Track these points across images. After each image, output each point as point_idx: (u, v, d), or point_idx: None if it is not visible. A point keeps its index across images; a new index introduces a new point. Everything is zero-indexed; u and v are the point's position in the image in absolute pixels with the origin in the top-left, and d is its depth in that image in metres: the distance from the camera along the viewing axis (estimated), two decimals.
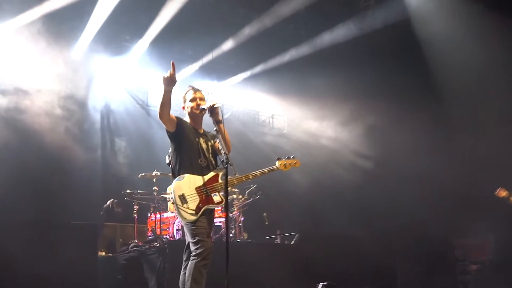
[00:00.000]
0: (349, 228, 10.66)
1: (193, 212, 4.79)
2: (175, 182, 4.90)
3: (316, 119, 13.07)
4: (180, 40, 10.91)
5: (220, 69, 12.32)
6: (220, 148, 4.90)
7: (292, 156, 5.59)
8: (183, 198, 4.84)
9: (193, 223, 4.80)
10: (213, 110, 5.00)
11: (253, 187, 9.39)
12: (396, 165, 11.65)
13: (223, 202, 4.90)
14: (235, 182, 5.11)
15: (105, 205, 9.41)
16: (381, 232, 10.35)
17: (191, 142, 5.07)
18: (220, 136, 4.86)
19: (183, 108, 5.29)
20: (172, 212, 8.73)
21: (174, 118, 4.99)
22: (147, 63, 11.06)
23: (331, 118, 12.79)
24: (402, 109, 11.56)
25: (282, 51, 11.89)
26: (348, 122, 12.55)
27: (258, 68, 12.38)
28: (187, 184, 4.92)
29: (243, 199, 9.27)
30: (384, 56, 11.33)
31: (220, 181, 5.02)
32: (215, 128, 4.93)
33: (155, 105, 11.66)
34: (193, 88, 5.30)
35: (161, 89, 4.88)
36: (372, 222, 10.98)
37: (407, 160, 11.45)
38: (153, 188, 8.73)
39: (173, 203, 4.91)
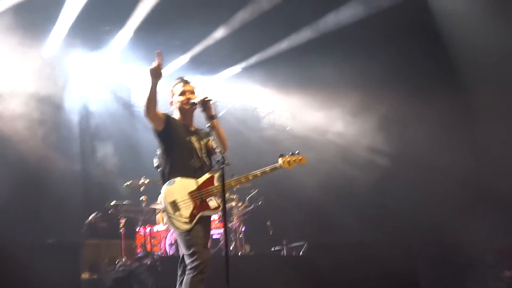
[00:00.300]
0: (363, 234, 10.64)
1: (187, 220, 4.74)
2: (165, 187, 4.86)
3: (322, 113, 13.01)
4: (165, 30, 10.86)
5: (212, 61, 12.30)
6: (215, 147, 4.85)
7: (296, 152, 5.53)
8: (174, 205, 4.79)
9: (187, 232, 4.75)
10: (205, 104, 4.95)
11: (253, 192, 9.37)
12: (414, 160, 11.60)
13: (220, 208, 4.84)
14: (233, 184, 5.07)
15: (87, 220, 9.38)
16: (400, 236, 10.32)
17: (182, 141, 5.02)
18: (214, 133, 4.82)
19: (171, 103, 5.24)
20: (163, 225, 8.67)
21: (162, 115, 4.95)
22: (129, 57, 11.04)
23: (340, 111, 12.74)
24: (419, 97, 11.49)
25: (281, 38, 11.84)
26: (358, 114, 12.49)
27: (254, 58, 12.36)
28: (179, 189, 4.87)
29: (243, 206, 9.25)
30: (396, 39, 11.27)
31: (216, 183, 4.97)
32: (208, 124, 4.88)
33: (140, 104, 11.66)
34: (182, 80, 5.24)
35: (146, 83, 4.83)
36: (389, 226, 10.96)
37: (426, 154, 11.39)
38: (141, 198, 8.71)
39: (163, 211, 4.85)
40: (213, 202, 4.89)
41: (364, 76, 11.80)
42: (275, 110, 14.06)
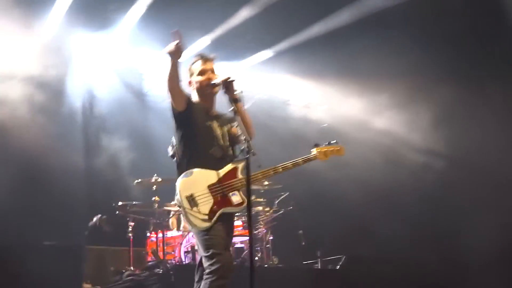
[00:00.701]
0: (411, 248, 10.53)
1: (206, 217, 4.78)
2: (181, 179, 4.91)
3: (364, 107, 12.94)
4: (182, 9, 10.96)
5: (237, 44, 12.35)
6: (238, 134, 4.87)
7: (334, 141, 5.55)
8: (192, 200, 4.81)
9: (207, 231, 4.78)
10: (228, 85, 4.98)
11: (284, 195, 9.42)
12: (476, 163, 11.45)
13: (245, 204, 4.85)
14: (260, 177, 5.11)
15: (91, 223, 9.48)
16: (456, 254, 10.24)
17: (202, 127, 5.07)
18: (238, 118, 4.84)
19: (189, 83, 5.31)
20: (176, 230, 8.72)
21: (185, 93, 5.04)
22: (140, 39, 11.19)
23: (385, 105, 12.65)
24: (481, 88, 11.37)
25: (316, 20, 11.84)
26: (407, 109, 12.38)
27: (285, 43, 12.38)
28: (198, 181, 4.93)
29: (271, 211, 9.31)
30: (451, 21, 11.17)
31: (240, 176, 5.02)
32: (231, 108, 4.90)
33: (153, 93, 11.85)
34: (201, 57, 5.29)
35: (165, 63, 4.92)
36: (443, 240, 10.84)
37: (493, 157, 11.25)
38: (153, 198, 8.80)
39: (179, 206, 4.88)
40: (236, 197, 4.91)
41: (413, 65, 11.70)
42: (310, 103, 14.03)
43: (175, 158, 5.12)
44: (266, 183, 9.14)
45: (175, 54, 4.82)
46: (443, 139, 12.11)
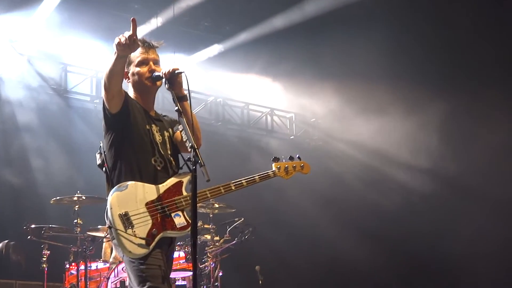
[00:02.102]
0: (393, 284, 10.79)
1: (143, 242, 4.69)
2: (113, 193, 4.83)
3: (340, 116, 13.16)
4: None
5: (188, 34, 12.43)
6: (184, 140, 4.82)
7: (296, 156, 5.58)
8: (126, 220, 4.75)
9: (143, 259, 4.72)
10: (174, 79, 4.96)
11: (238, 221, 9.40)
12: (476, 184, 11.82)
13: (190, 228, 4.86)
14: (209, 195, 5.02)
15: None
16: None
17: (140, 131, 4.98)
18: (184, 121, 4.81)
19: (125, 75, 5.21)
20: (105, 262, 8.67)
21: (123, 93, 4.96)
22: (64, 24, 11.22)
23: (364, 113, 12.89)
24: (482, 96, 11.74)
25: (290, 5, 12.02)
26: (389, 118, 12.65)
27: (246, 35, 12.52)
28: (133, 197, 4.85)
29: (221, 241, 9.28)
30: (453, 12, 11.49)
31: (185, 193, 4.94)
32: (176, 108, 4.88)
33: (77, 91, 11.85)
34: (144, 44, 5.22)
35: (111, 55, 4.84)
36: (439, 278, 11.12)
37: (493, 176, 11.63)
38: (75, 221, 8.69)
39: (109, 227, 4.82)
40: (180, 219, 4.85)
41: (403, 65, 12.01)
42: (275, 110, 14.19)
43: (104, 168, 5.07)
44: (216, 205, 9.17)
45: (127, 48, 4.67)
46: (431, 154, 12.46)
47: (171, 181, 4.98)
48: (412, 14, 11.82)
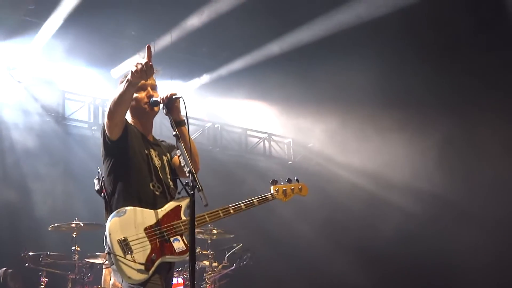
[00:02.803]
0: None
1: (142, 267, 4.68)
2: (112, 218, 4.83)
3: (339, 141, 13.19)
4: (116, 13, 11.14)
5: (184, 60, 12.48)
6: (182, 165, 4.83)
7: (295, 179, 5.61)
8: (125, 245, 4.74)
9: (142, 285, 4.72)
10: (172, 104, 4.98)
11: (236, 247, 9.39)
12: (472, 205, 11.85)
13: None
14: (208, 219, 5.03)
15: None
16: None
17: (138, 156, 5.00)
18: (182, 146, 4.82)
19: None
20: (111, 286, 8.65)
21: (125, 120, 4.96)
22: (62, 51, 11.25)
23: (363, 138, 12.92)
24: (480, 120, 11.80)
25: (285, 32, 12.08)
26: (389, 142, 12.68)
27: (244, 60, 12.58)
28: (131, 223, 4.81)
29: (220, 267, 9.26)
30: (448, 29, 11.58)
31: (183, 217, 4.95)
32: (174, 133, 4.90)
33: (75, 118, 11.88)
34: None
35: (121, 84, 4.84)
36: None
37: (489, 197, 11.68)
38: (73, 248, 8.68)
39: (108, 253, 4.81)
40: (179, 244, 4.85)
41: (403, 92, 12.08)
42: (273, 135, 14.23)
43: (103, 194, 5.07)
44: (214, 231, 9.16)
45: (143, 75, 4.68)
46: (431, 181, 12.49)
47: (170, 205, 4.99)
48: (410, 39, 11.90)
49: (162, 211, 4.96)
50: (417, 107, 12.39)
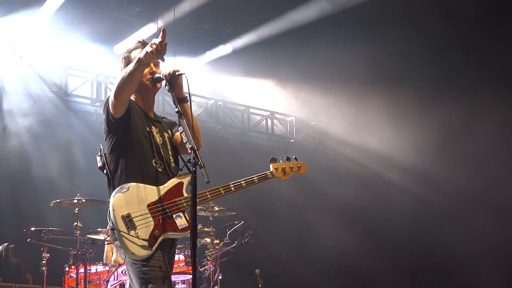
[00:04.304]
0: None
1: (146, 243, 4.68)
2: (115, 194, 4.82)
3: (341, 118, 13.19)
4: None
5: (188, 37, 12.45)
6: (184, 141, 4.83)
7: (293, 157, 5.62)
8: (129, 221, 4.69)
9: (145, 261, 4.73)
10: (175, 80, 4.98)
11: (238, 224, 9.40)
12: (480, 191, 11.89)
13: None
14: (209, 196, 5.03)
15: None
16: None
17: (141, 133, 4.99)
18: (184, 123, 4.81)
19: None
20: (105, 265, 8.68)
21: (129, 100, 4.97)
22: (65, 26, 11.26)
23: (366, 117, 12.92)
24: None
25: (288, 8, 12.05)
26: (400, 123, 12.67)
27: (248, 37, 12.56)
28: (135, 199, 4.81)
29: (221, 244, 9.27)
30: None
31: (185, 194, 4.96)
32: (176, 110, 4.90)
33: (77, 94, 11.88)
34: (143, 45, 5.24)
35: (135, 61, 4.84)
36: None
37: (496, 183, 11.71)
38: (75, 223, 8.69)
39: (112, 229, 4.82)
40: (181, 220, 4.84)
41: (405, 70, 12.06)
42: (275, 113, 14.24)
43: (105, 171, 5.09)
44: (216, 208, 9.19)
45: (159, 54, 4.73)
46: (445, 164, 12.49)
47: (172, 182, 4.99)
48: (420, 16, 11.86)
49: (164, 188, 4.96)
50: (424, 86, 12.35)
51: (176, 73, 4.96)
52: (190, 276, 8.43)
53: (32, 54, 11.47)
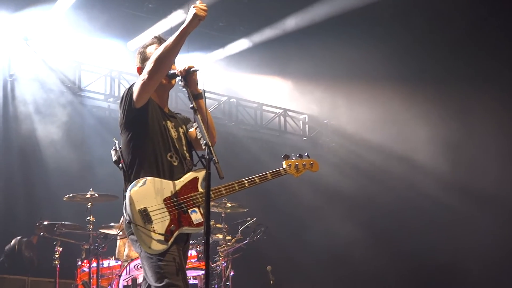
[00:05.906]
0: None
1: (162, 237, 4.69)
2: (132, 188, 4.79)
3: (354, 117, 13.20)
4: None
5: (202, 34, 12.48)
6: (198, 137, 4.83)
7: (306, 155, 5.65)
8: (146, 215, 4.69)
9: (161, 256, 4.75)
10: (190, 76, 5.01)
11: (250, 221, 9.41)
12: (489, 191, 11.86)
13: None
14: (224, 192, 5.07)
15: (7, 247, 9.43)
16: None
17: (157, 127, 5.00)
18: (199, 119, 4.82)
19: (139, 70, 5.23)
20: (117, 260, 8.72)
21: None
22: (79, 22, 11.31)
23: (379, 116, 12.93)
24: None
25: (303, 6, 12.08)
26: (407, 121, 12.68)
27: (262, 34, 12.59)
28: (151, 193, 4.82)
29: (233, 241, 9.29)
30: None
31: (201, 189, 4.98)
32: (191, 105, 4.91)
33: (91, 89, 11.96)
34: (160, 41, 5.27)
35: (178, 32, 4.90)
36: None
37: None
38: (88, 218, 8.73)
39: (129, 223, 4.82)
40: (197, 215, 4.87)
41: (418, 69, 12.07)
42: (288, 111, 14.27)
43: (121, 165, 5.11)
44: (228, 205, 9.20)
45: (203, 17, 4.90)
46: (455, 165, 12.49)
47: (187, 177, 5.02)
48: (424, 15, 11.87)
49: (180, 182, 4.98)
50: (439, 84, 12.35)
51: (191, 69, 4.98)
52: (202, 272, 8.47)
53: (45, 49, 11.50)
